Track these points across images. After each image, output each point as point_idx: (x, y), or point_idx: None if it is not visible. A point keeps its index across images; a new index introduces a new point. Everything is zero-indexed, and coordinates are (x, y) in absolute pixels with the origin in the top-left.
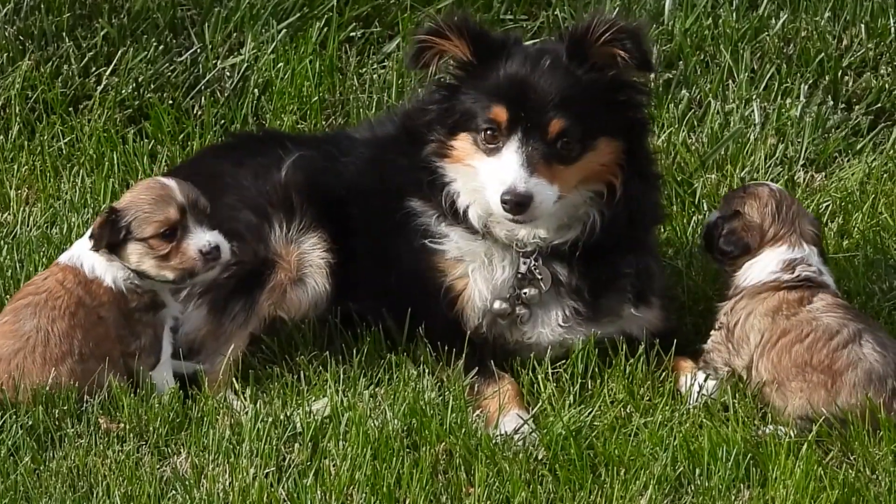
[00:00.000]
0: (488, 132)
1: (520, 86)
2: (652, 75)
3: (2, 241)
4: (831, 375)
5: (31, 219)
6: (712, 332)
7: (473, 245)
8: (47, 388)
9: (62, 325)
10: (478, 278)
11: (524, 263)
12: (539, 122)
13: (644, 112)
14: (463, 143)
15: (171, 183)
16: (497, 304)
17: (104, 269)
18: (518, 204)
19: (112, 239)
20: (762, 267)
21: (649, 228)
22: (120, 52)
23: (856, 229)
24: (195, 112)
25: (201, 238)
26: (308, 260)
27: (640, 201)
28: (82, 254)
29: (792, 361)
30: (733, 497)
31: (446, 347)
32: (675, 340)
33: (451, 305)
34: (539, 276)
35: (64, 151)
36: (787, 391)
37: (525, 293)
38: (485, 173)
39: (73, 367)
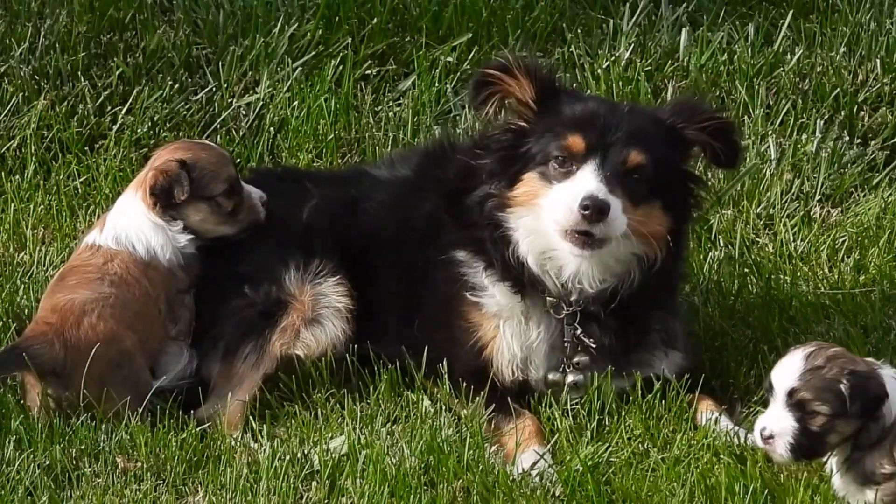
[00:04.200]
0: (560, 159)
1: (599, 117)
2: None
3: (18, 281)
4: None
5: (48, 258)
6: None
7: (512, 303)
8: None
9: (137, 292)
10: (509, 335)
11: (571, 330)
12: (619, 152)
13: (699, 205)
14: (528, 184)
15: (208, 142)
16: (551, 376)
17: (161, 246)
18: (599, 210)
19: (179, 196)
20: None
21: (676, 291)
22: (135, 91)
23: (872, 264)
24: None
25: (253, 190)
26: (326, 302)
27: (671, 274)
28: (131, 234)
29: None
30: None
31: (466, 386)
32: (701, 376)
33: (479, 356)
34: (590, 342)
35: (80, 191)
36: None
37: (577, 362)
38: (554, 198)
39: (137, 340)
